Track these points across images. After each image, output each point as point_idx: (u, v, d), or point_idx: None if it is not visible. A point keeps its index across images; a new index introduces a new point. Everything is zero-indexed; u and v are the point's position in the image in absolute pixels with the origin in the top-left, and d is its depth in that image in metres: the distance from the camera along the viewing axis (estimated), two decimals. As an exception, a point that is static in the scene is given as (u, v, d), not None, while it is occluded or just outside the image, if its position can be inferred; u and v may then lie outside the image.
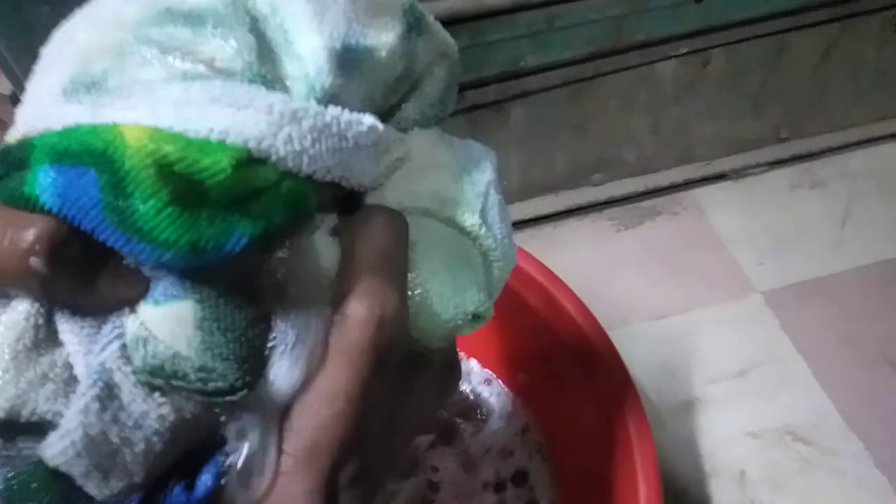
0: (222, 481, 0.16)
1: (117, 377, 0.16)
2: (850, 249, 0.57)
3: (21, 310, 0.16)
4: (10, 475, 0.15)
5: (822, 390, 0.49)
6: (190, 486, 0.16)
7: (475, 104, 0.51)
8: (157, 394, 0.16)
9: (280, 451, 0.17)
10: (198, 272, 0.15)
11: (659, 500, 0.34)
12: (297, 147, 0.15)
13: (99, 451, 0.15)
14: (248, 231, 0.15)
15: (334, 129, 0.16)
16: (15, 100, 0.43)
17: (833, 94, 0.61)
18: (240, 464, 0.17)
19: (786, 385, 0.49)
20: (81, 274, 0.16)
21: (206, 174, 0.14)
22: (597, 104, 0.54)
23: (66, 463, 0.15)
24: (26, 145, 0.15)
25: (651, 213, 0.61)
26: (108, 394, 0.15)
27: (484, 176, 0.21)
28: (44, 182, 0.15)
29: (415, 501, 0.43)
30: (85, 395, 0.15)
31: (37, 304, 0.16)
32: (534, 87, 0.51)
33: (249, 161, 0.15)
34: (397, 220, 0.19)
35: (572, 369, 0.41)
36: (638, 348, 0.50)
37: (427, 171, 0.20)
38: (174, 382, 0.15)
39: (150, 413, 0.16)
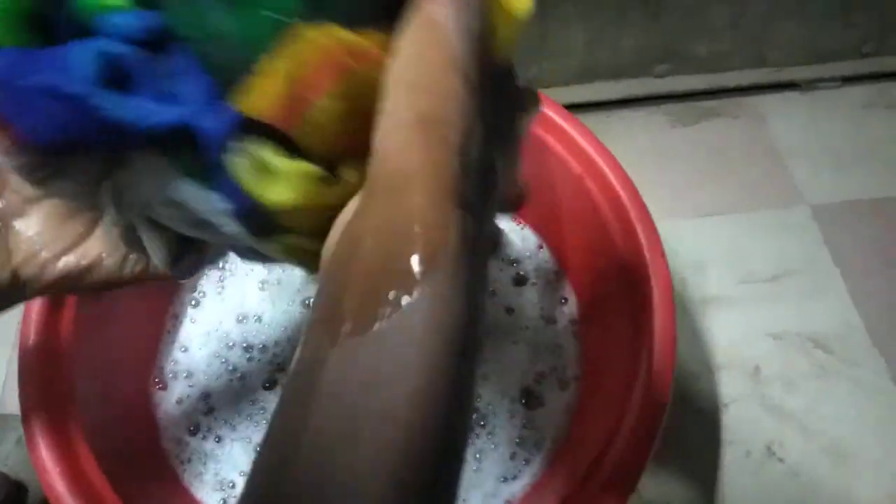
0: None
1: None
2: (914, 176, 0.54)
3: None
4: None
5: (853, 306, 0.48)
6: None
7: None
8: None
9: None
10: None
11: (668, 384, 0.34)
12: None
13: None
14: None
15: None
16: None
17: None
18: None
19: (817, 296, 0.49)
20: None
21: None
22: (676, -17, 0.52)
23: None
24: None
25: (710, 113, 0.59)
26: None
27: None
28: None
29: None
30: None
31: None
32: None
33: None
34: None
35: (612, 248, 0.40)
36: (672, 243, 0.50)
37: None
38: None
39: None
